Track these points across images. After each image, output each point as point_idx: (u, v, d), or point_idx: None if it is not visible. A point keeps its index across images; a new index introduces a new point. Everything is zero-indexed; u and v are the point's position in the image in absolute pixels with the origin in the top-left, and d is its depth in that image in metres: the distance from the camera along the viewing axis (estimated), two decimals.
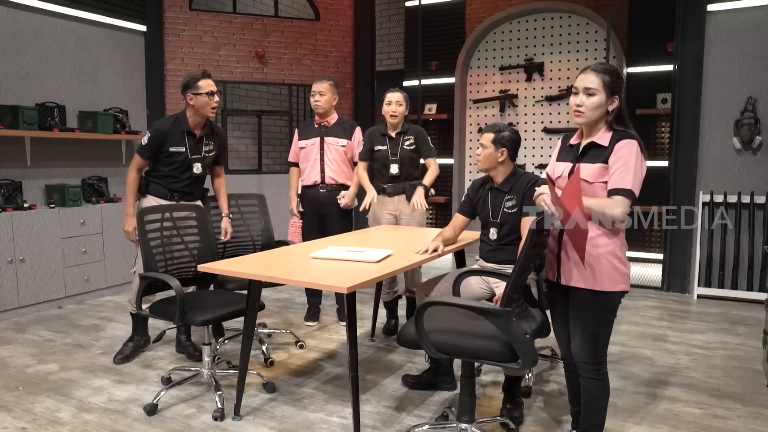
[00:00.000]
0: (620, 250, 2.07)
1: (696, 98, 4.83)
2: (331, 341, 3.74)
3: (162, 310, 2.75)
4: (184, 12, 5.96)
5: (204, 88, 3.17)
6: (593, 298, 2.07)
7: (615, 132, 2.06)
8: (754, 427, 2.58)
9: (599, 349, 2.12)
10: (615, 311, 2.12)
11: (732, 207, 4.76)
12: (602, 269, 2.05)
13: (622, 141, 2.02)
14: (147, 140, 3.25)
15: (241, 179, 6.19)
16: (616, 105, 2.06)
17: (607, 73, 2.05)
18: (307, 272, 2.41)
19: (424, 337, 2.10)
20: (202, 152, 3.34)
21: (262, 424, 2.59)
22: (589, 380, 2.14)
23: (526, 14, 6.62)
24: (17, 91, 4.56)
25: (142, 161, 3.29)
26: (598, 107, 2.05)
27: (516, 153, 2.83)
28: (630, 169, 1.99)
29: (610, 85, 2.04)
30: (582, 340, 2.12)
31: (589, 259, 2.05)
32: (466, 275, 2.70)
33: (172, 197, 3.30)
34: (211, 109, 3.23)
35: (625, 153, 2.00)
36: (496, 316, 2.02)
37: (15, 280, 4.22)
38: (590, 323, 2.10)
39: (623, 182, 1.98)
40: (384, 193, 3.74)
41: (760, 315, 4.21)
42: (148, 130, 3.32)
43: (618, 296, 2.09)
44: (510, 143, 2.76)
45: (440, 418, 2.60)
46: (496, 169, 2.81)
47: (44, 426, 2.58)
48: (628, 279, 2.11)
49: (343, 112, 6.85)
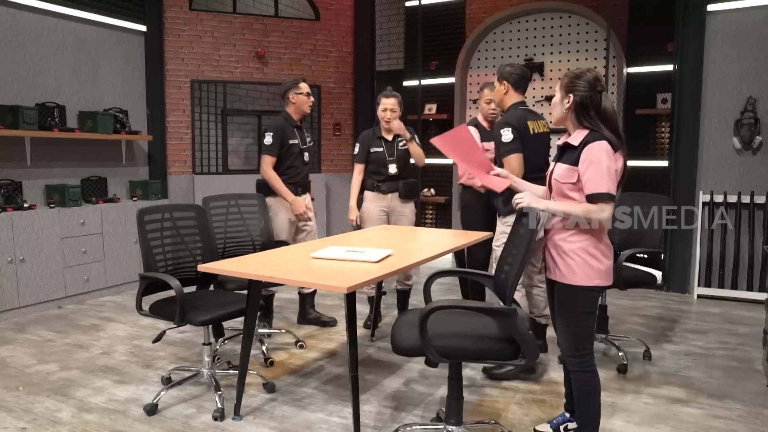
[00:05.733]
0: (594, 246, 2.17)
1: (696, 98, 4.83)
2: (331, 341, 3.75)
3: (162, 310, 2.75)
4: (184, 12, 5.96)
5: (304, 89, 3.80)
6: (569, 291, 2.20)
7: (588, 132, 2.16)
8: (754, 427, 2.58)
9: (580, 342, 2.21)
10: (592, 306, 2.22)
11: (732, 207, 4.76)
12: (575, 264, 2.17)
13: (590, 144, 2.12)
14: (271, 138, 3.71)
15: (242, 179, 6.19)
16: (570, 103, 2.19)
17: (566, 76, 2.24)
18: (307, 272, 2.41)
19: (429, 344, 2.04)
20: (306, 143, 3.92)
21: (262, 424, 2.59)
22: (575, 373, 2.24)
23: (526, 14, 6.62)
24: (17, 91, 4.56)
25: (272, 158, 3.73)
26: (555, 106, 2.26)
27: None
28: (602, 171, 2.08)
29: (566, 86, 2.21)
30: (564, 335, 2.24)
31: (563, 255, 2.20)
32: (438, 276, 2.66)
33: (296, 192, 3.80)
34: (309, 106, 3.86)
35: (595, 156, 2.10)
36: (503, 315, 2.05)
37: (15, 280, 4.22)
38: (570, 317, 2.22)
39: (599, 186, 2.08)
40: (378, 190, 3.89)
41: (760, 315, 4.21)
42: (267, 131, 3.75)
43: (592, 291, 2.19)
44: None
45: (434, 418, 2.60)
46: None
47: (44, 426, 2.58)
48: (605, 275, 2.19)
49: (343, 112, 6.87)
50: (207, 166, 6.27)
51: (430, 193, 7.20)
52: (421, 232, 3.54)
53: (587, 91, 2.17)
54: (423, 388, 2.99)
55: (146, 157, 5.77)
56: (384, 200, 3.90)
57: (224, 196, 3.62)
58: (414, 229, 3.70)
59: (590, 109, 2.17)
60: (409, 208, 3.95)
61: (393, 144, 3.87)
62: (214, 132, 6.29)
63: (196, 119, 6.15)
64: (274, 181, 3.73)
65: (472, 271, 2.75)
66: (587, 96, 2.16)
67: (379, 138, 3.87)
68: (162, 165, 5.90)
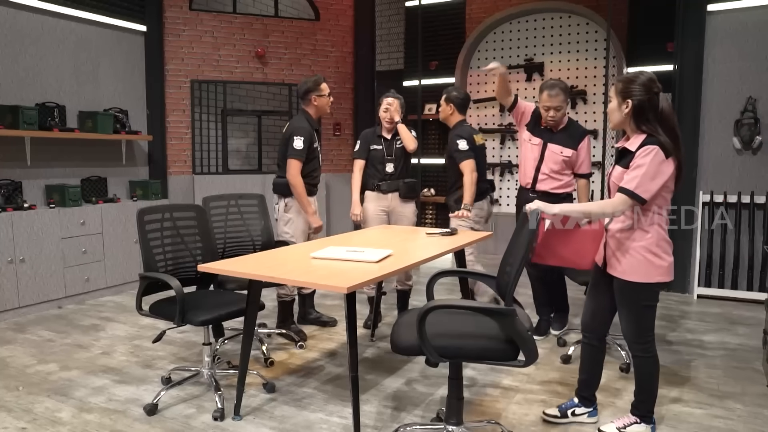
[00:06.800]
0: (656, 245, 2.28)
1: (696, 98, 4.83)
2: (331, 341, 3.75)
3: (162, 310, 2.75)
4: (184, 12, 5.96)
5: (325, 90, 3.74)
6: (628, 288, 2.33)
7: (645, 137, 2.24)
8: (754, 427, 2.58)
9: (642, 331, 2.36)
10: (653, 299, 2.35)
11: (732, 207, 4.76)
12: (634, 262, 2.29)
13: (644, 147, 2.21)
14: (302, 143, 3.61)
15: (242, 179, 6.19)
16: (629, 109, 2.26)
17: (620, 81, 2.31)
18: (307, 272, 2.41)
19: (428, 344, 2.04)
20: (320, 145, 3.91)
21: (262, 424, 2.59)
22: (638, 358, 2.40)
23: (526, 14, 6.62)
24: (17, 91, 4.56)
25: (301, 163, 3.64)
26: (613, 111, 2.33)
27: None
28: (640, 172, 2.19)
29: (622, 92, 2.28)
30: (627, 324, 2.38)
31: (624, 252, 2.32)
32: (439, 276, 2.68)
33: (313, 192, 3.81)
34: (329, 107, 3.84)
35: (641, 158, 2.21)
36: (502, 316, 2.05)
37: (15, 280, 4.22)
38: (632, 309, 2.35)
39: (628, 183, 2.22)
40: (379, 190, 3.91)
41: (760, 315, 4.21)
42: (296, 135, 3.60)
43: (653, 287, 2.31)
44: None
45: (435, 418, 2.60)
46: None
47: (44, 426, 2.58)
48: (666, 270, 2.31)
49: (343, 112, 6.87)
50: (207, 166, 6.28)
51: (430, 193, 7.20)
52: (420, 232, 3.54)
53: (644, 94, 2.24)
54: (423, 388, 2.99)
55: (146, 157, 5.77)
56: (384, 200, 3.93)
57: (224, 196, 3.62)
58: (414, 229, 3.70)
59: (648, 112, 2.25)
60: (409, 208, 3.97)
61: (392, 143, 3.91)
62: (214, 132, 6.29)
63: (196, 119, 6.15)
64: (300, 189, 3.63)
65: (473, 271, 2.76)
66: (645, 99, 2.23)
67: (379, 137, 3.93)
68: (162, 165, 5.90)
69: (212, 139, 6.28)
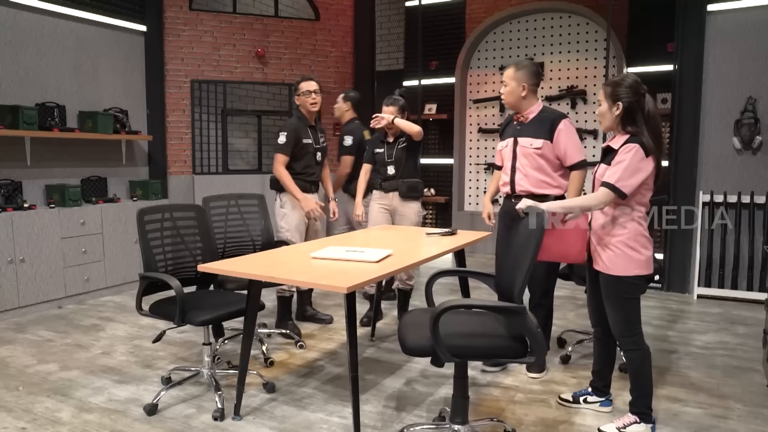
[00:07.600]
0: (633, 239, 2.35)
1: (696, 98, 4.83)
2: (331, 341, 3.75)
3: (162, 310, 2.75)
4: (184, 12, 5.96)
5: (303, 88, 3.78)
6: (610, 281, 2.40)
7: (629, 137, 2.33)
8: (754, 427, 2.58)
9: (629, 325, 2.41)
10: (635, 292, 2.40)
11: (732, 207, 4.76)
12: (613, 256, 2.37)
13: (626, 145, 2.31)
14: (285, 138, 3.73)
15: (242, 179, 6.19)
16: (619, 111, 2.34)
17: (608, 84, 2.40)
18: (307, 272, 2.41)
19: (441, 344, 2.03)
20: (320, 142, 3.93)
21: (262, 424, 2.59)
22: (629, 352, 2.44)
23: (526, 14, 6.62)
24: (17, 91, 4.56)
25: (285, 157, 3.75)
26: (604, 114, 2.41)
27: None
28: (621, 167, 2.28)
29: (611, 95, 2.35)
30: (614, 318, 2.44)
31: (603, 247, 2.40)
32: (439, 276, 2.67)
33: (310, 189, 3.85)
34: (311, 105, 3.79)
35: (623, 155, 2.30)
36: (513, 313, 2.07)
37: (15, 280, 4.22)
38: (615, 303, 2.41)
39: (609, 177, 2.31)
40: (381, 189, 3.98)
41: (760, 315, 4.21)
42: (281, 131, 3.76)
43: (633, 279, 2.36)
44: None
45: (437, 418, 2.60)
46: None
47: (44, 426, 2.58)
48: (645, 263, 2.37)
49: None
50: (207, 166, 6.27)
51: (431, 193, 7.19)
52: (421, 232, 3.54)
53: (632, 96, 2.31)
54: (423, 388, 2.99)
55: (146, 157, 5.77)
56: (386, 198, 3.98)
57: (224, 196, 3.62)
58: (414, 229, 3.71)
59: (636, 113, 2.32)
60: (411, 209, 3.95)
61: (392, 146, 3.95)
62: (214, 132, 6.29)
63: (196, 119, 6.15)
64: (285, 179, 3.74)
65: (473, 271, 2.76)
66: (634, 101, 2.31)
67: (382, 141, 4.00)
68: (162, 165, 5.90)
69: (212, 139, 6.28)
